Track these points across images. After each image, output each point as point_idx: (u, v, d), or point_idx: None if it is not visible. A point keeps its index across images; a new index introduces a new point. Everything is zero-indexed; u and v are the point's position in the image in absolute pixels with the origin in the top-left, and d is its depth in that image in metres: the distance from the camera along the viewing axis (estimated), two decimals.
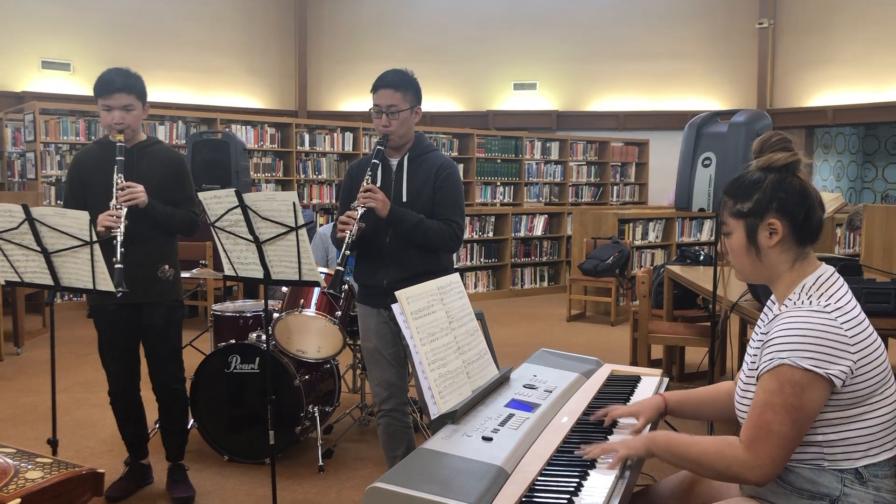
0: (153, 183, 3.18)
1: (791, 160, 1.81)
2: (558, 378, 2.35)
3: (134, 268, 3.06)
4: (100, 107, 3.20)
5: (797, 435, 1.67)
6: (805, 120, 12.14)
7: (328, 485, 3.65)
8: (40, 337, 6.74)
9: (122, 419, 3.45)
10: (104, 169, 3.14)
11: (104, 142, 3.31)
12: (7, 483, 1.76)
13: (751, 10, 12.35)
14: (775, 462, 1.66)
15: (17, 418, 4.56)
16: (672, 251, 9.29)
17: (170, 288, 3.35)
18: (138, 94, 3.22)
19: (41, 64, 10.69)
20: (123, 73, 3.20)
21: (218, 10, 12.18)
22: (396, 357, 3.07)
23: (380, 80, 2.99)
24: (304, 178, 9.80)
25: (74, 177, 3.30)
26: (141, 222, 3.13)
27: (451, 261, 3.15)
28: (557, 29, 12.58)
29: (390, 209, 2.91)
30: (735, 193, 1.84)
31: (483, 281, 9.80)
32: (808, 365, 1.63)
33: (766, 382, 1.68)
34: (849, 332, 1.67)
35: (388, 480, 1.56)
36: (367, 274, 3.09)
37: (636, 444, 1.84)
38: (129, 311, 3.29)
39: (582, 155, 11.86)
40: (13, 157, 8.87)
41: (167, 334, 3.37)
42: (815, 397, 1.65)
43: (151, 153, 3.30)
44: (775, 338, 1.70)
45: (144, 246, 3.21)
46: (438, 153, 3.14)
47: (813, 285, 1.76)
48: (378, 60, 12.43)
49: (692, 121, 4.04)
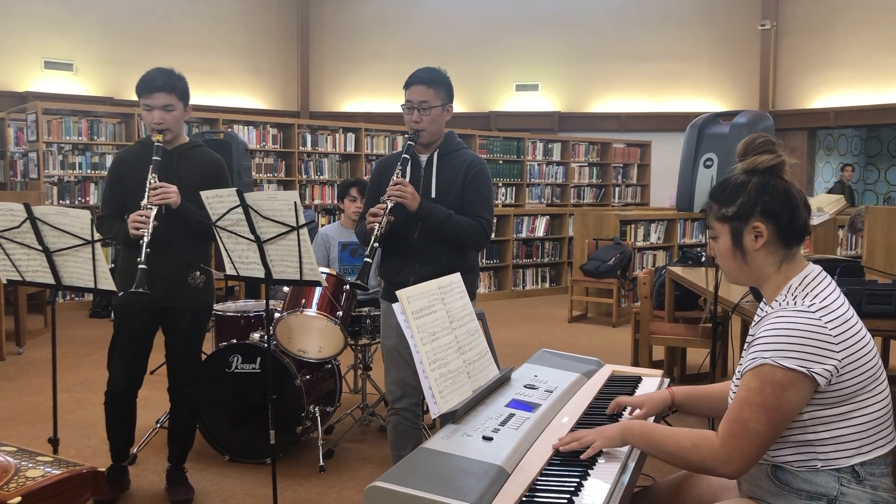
0: (192, 186, 3.11)
1: (775, 162, 1.81)
2: (559, 378, 2.35)
3: (166, 272, 3.03)
4: (141, 106, 3.17)
5: (773, 434, 1.69)
6: (807, 122, 12.14)
7: (329, 485, 3.65)
8: (42, 336, 6.74)
9: (113, 422, 3.39)
10: (144, 169, 3.10)
11: (146, 141, 3.25)
12: (7, 481, 1.76)
13: (753, 12, 12.35)
14: (747, 458, 1.69)
15: (18, 417, 4.57)
16: (674, 252, 9.29)
17: (199, 294, 3.31)
18: (179, 94, 3.18)
19: (44, 64, 10.71)
20: (166, 73, 3.16)
21: (220, 10, 12.19)
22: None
23: (412, 77, 3.01)
24: (305, 178, 9.81)
25: (115, 175, 3.27)
26: (176, 226, 3.10)
27: (476, 259, 3.14)
28: (559, 30, 12.59)
29: (420, 203, 2.90)
30: (719, 197, 1.85)
31: (485, 282, 9.80)
32: (790, 364, 1.65)
33: (748, 380, 1.70)
34: (833, 332, 1.68)
35: (388, 480, 1.56)
36: (394, 270, 3.08)
37: (611, 433, 1.85)
38: (153, 315, 3.26)
39: (584, 156, 11.85)
40: (16, 157, 8.88)
41: (191, 340, 3.35)
42: (796, 398, 1.67)
43: (193, 156, 3.27)
44: (760, 338, 1.72)
45: (177, 250, 3.17)
46: (468, 151, 3.14)
47: (799, 286, 1.77)
48: (380, 61, 12.48)
49: (694, 122, 4.03)
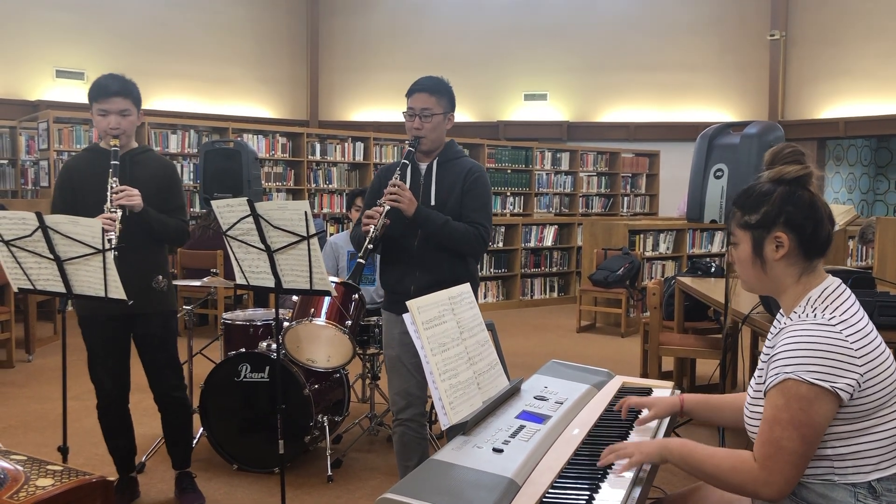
0: (146, 190, 3.13)
1: (802, 173, 1.79)
2: (569, 390, 2.34)
3: (129, 278, 2.94)
4: (95, 112, 3.17)
5: (807, 450, 1.66)
6: (817, 132, 12.09)
7: (337, 495, 3.64)
8: (51, 344, 6.77)
9: (110, 434, 3.39)
10: (96, 175, 3.11)
11: (95, 149, 3.28)
12: (17, 490, 1.76)
13: (762, 22, 12.34)
14: (787, 479, 1.66)
15: (27, 425, 4.58)
16: (683, 262, 9.26)
17: (164, 298, 3.31)
18: (134, 99, 3.20)
19: (55, 73, 10.78)
20: (119, 79, 3.18)
21: (230, 19, 12.26)
22: (418, 367, 3.04)
23: (415, 85, 3.02)
24: (314, 187, 9.83)
25: (65, 183, 3.26)
26: (136, 230, 3.10)
27: (476, 268, 3.14)
28: (568, 39, 12.60)
29: (417, 208, 2.90)
30: (744, 204, 1.84)
31: (493, 291, 9.79)
32: (812, 379, 1.63)
33: (773, 398, 1.67)
34: (854, 345, 1.66)
35: (398, 491, 1.56)
36: (394, 279, 3.08)
37: (650, 450, 1.83)
38: (121, 323, 3.25)
39: (592, 165, 11.84)
40: (27, 165, 8.93)
41: (165, 344, 3.34)
42: (823, 411, 1.64)
43: (144, 161, 3.28)
44: (780, 352, 1.69)
45: (138, 256, 3.16)
46: (468, 158, 3.15)
47: (818, 298, 1.75)
48: (389, 71, 12.51)
49: (704, 132, 4.03)
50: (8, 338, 5.97)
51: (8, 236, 2.87)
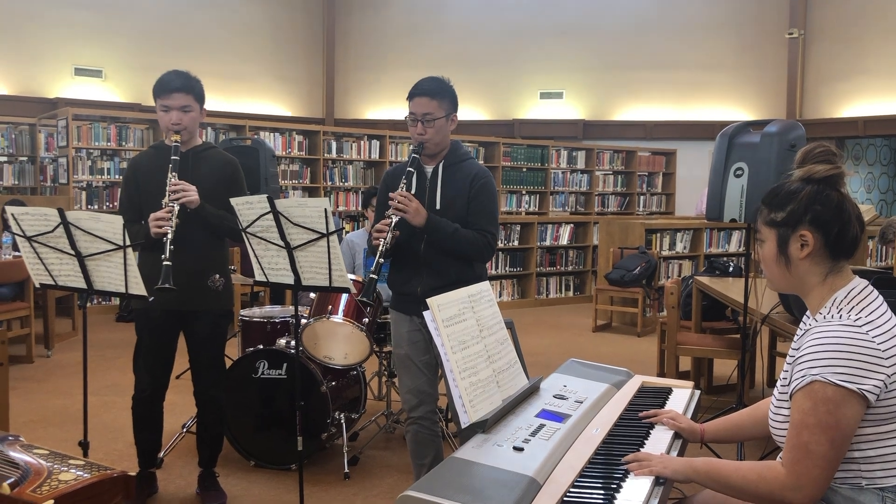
0: (207, 187, 3.14)
1: (832, 173, 1.78)
2: (588, 389, 2.33)
3: (184, 275, 3.01)
4: (158, 108, 3.19)
5: (836, 454, 1.63)
6: (835, 131, 11.99)
7: (354, 492, 3.64)
8: (70, 340, 6.82)
9: (140, 426, 3.41)
10: (160, 172, 3.12)
11: (160, 146, 3.30)
12: (41, 484, 1.78)
13: (780, 21, 12.24)
14: (816, 483, 1.63)
15: (47, 420, 4.62)
16: (700, 262, 9.21)
17: (219, 297, 3.31)
18: (196, 95, 3.22)
19: (74, 71, 10.86)
20: (183, 75, 3.21)
21: (247, 18, 12.30)
22: (428, 365, 3.06)
23: (416, 88, 2.98)
24: (330, 185, 9.86)
25: (130, 180, 3.29)
26: (193, 227, 3.11)
27: (484, 270, 3.14)
28: (584, 38, 12.55)
29: (427, 218, 2.89)
30: (771, 202, 1.82)
31: (508, 290, 9.78)
32: (839, 380, 1.61)
33: (799, 401, 1.66)
34: (882, 346, 1.64)
35: (419, 489, 1.56)
36: (401, 281, 3.08)
37: (675, 467, 1.82)
38: (174, 319, 3.27)
39: (608, 164, 11.81)
40: (46, 162, 9.01)
41: (210, 343, 3.36)
42: (851, 413, 1.62)
43: (207, 157, 3.30)
44: (806, 353, 1.68)
45: (196, 253, 3.18)
46: (474, 161, 3.13)
47: (844, 299, 1.74)
48: (405, 69, 12.51)
49: (724, 130, 4.00)
50: (28, 333, 6.02)
51: (30, 232, 2.89)
